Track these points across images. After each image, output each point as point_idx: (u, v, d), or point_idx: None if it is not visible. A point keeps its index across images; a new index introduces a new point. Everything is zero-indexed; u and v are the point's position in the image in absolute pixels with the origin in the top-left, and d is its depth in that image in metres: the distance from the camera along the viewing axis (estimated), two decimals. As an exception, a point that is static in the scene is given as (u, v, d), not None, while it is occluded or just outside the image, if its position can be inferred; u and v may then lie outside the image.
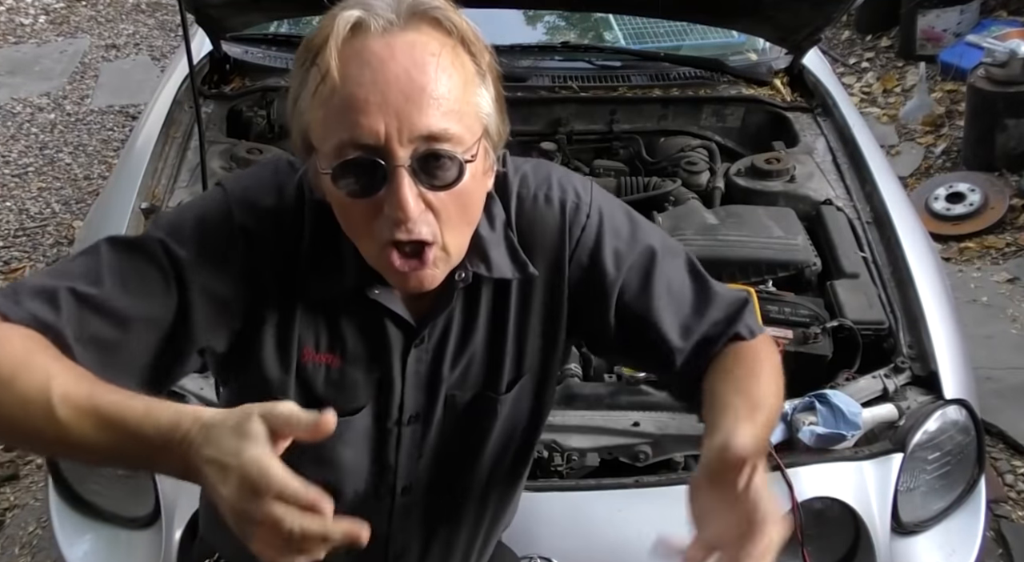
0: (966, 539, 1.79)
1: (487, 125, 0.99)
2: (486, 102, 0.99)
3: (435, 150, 0.93)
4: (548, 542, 1.53)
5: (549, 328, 1.17)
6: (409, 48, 0.93)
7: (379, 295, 1.07)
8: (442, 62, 0.94)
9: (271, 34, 2.91)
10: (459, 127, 0.94)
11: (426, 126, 0.92)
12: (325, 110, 0.93)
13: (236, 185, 1.08)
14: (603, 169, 2.55)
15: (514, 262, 1.11)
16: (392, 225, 0.94)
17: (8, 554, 2.52)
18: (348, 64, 0.92)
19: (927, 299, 1.97)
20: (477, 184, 1.00)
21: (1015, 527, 2.60)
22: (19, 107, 5.13)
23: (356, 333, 1.11)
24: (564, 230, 1.12)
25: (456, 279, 1.08)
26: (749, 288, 1.92)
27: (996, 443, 2.84)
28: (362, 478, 1.18)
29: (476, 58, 0.98)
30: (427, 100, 0.92)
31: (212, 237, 1.03)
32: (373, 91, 0.91)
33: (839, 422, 1.69)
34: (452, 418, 1.17)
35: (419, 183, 0.94)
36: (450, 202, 0.96)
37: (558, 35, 3.23)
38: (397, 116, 0.91)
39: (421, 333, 1.11)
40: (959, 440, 1.79)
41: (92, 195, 4.23)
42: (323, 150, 0.95)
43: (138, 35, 6.10)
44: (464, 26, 0.97)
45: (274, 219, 1.05)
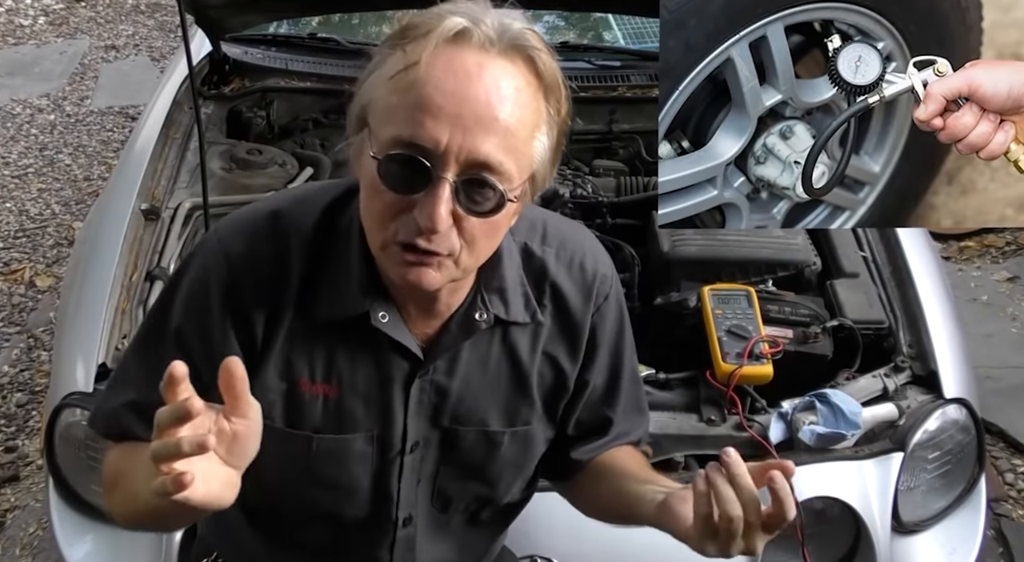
0: (966, 538, 1.79)
1: (536, 171, 1.01)
2: (543, 148, 1.00)
3: (483, 178, 0.94)
4: (548, 542, 1.53)
5: (561, 379, 1.19)
6: (499, 74, 0.94)
7: (385, 324, 1.07)
8: (521, 98, 0.95)
9: (270, 35, 2.91)
10: (513, 165, 0.95)
11: (485, 153, 0.93)
12: (397, 98, 0.94)
13: (213, 238, 1.11)
14: (603, 169, 2.55)
15: (526, 307, 1.14)
16: (416, 230, 0.95)
17: (9, 555, 2.52)
18: (437, 65, 0.93)
19: (927, 298, 1.97)
20: (507, 220, 1.02)
21: (1015, 526, 2.60)
22: (19, 108, 5.13)
23: (355, 363, 1.10)
24: (591, 297, 1.17)
25: (478, 319, 1.10)
26: (749, 288, 1.92)
27: (996, 442, 2.84)
28: (364, 506, 1.17)
29: (551, 106, 1.00)
30: (496, 128, 0.93)
31: (196, 298, 1.08)
32: (451, 101, 0.92)
33: (839, 421, 1.69)
34: (452, 448, 1.17)
35: (456, 202, 0.94)
36: (477, 229, 0.97)
37: (558, 35, 3.23)
38: (463, 133, 0.92)
39: (428, 365, 1.11)
40: (959, 439, 1.79)
41: (92, 196, 4.23)
42: (379, 134, 0.96)
43: (137, 36, 6.11)
44: (554, 74, 1.00)
45: (251, 262, 1.07)
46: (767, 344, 1.79)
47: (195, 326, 1.07)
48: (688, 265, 2.07)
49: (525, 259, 1.14)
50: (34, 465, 2.82)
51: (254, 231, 1.09)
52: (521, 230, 1.15)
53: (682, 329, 1.96)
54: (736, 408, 1.75)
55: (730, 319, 1.83)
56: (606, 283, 1.19)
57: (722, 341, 1.80)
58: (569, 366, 1.19)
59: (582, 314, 1.17)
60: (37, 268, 3.84)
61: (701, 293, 1.91)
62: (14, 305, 3.61)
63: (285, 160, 2.42)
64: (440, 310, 1.10)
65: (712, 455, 1.74)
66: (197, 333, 1.07)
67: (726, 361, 1.77)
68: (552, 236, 1.17)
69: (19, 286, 3.73)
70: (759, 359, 1.77)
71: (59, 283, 3.58)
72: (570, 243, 1.18)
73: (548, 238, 1.17)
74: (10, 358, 3.30)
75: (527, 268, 1.14)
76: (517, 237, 1.14)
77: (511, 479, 1.23)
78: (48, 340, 3.32)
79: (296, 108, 2.67)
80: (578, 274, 1.16)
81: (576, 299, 1.16)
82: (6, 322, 3.53)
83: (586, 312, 1.17)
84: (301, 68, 2.73)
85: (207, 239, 1.13)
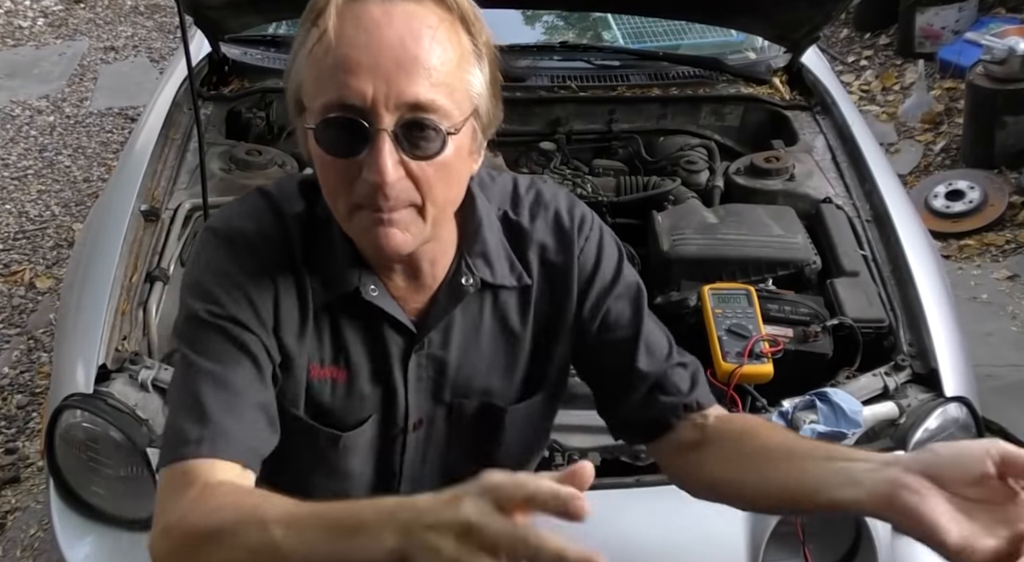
0: (967, 537, 1.79)
1: (477, 105, 1.00)
2: (478, 82, 0.99)
3: (420, 119, 0.94)
4: (549, 542, 1.53)
5: (556, 339, 1.18)
6: (407, 17, 0.94)
7: (375, 296, 1.07)
8: (438, 35, 0.94)
9: (270, 35, 2.91)
10: (448, 101, 0.95)
11: (414, 94, 0.92)
12: (318, 69, 0.95)
13: (219, 222, 1.10)
14: (602, 169, 2.55)
15: (511, 271, 1.13)
16: (370, 190, 0.95)
17: (10, 556, 2.52)
18: (345, 26, 0.93)
19: (927, 297, 1.97)
20: (461, 162, 1.00)
21: (1016, 524, 2.60)
22: (18, 110, 5.13)
23: (359, 343, 1.11)
24: (572, 241, 1.15)
25: (464, 283, 1.09)
26: (749, 287, 1.92)
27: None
28: (367, 485, 1.18)
29: (474, 37, 0.99)
30: (418, 69, 0.92)
31: (227, 275, 1.04)
32: (366, 54, 0.92)
33: (840, 420, 1.69)
34: (458, 426, 1.17)
35: (401, 150, 0.94)
36: (432, 174, 0.96)
37: (557, 35, 3.23)
38: (386, 81, 0.92)
39: (421, 338, 1.11)
40: (960, 438, 1.79)
41: (92, 197, 4.23)
42: (312, 107, 0.96)
43: (137, 37, 6.11)
44: (466, 4, 0.98)
45: (264, 239, 1.06)
46: (767, 343, 1.79)
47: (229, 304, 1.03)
48: (688, 264, 2.07)
49: (505, 225, 1.14)
50: (35, 466, 2.82)
51: (259, 213, 1.08)
52: (495, 196, 1.15)
53: (682, 328, 1.96)
54: (737, 407, 1.75)
55: (730, 318, 1.83)
56: (584, 223, 1.17)
57: (722, 340, 1.80)
58: (566, 315, 1.17)
59: (567, 260, 1.16)
60: (37, 270, 3.84)
61: (701, 292, 1.91)
62: (14, 307, 3.61)
63: (285, 161, 2.42)
64: (426, 282, 1.10)
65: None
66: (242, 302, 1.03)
67: (726, 360, 1.77)
68: (524, 195, 1.17)
69: (19, 288, 3.73)
70: (759, 358, 1.77)
71: (59, 285, 3.58)
72: (543, 197, 1.18)
73: (521, 199, 1.17)
74: (10, 360, 3.30)
75: (508, 232, 1.14)
76: (493, 203, 1.14)
77: (518, 451, 1.23)
78: (48, 342, 3.32)
79: (295, 109, 2.67)
80: (554, 222, 1.16)
81: (559, 250, 1.15)
82: (6, 324, 3.53)
83: (570, 256, 1.16)
84: (300, 69, 2.72)
85: (215, 229, 1.09)
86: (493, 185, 1.15)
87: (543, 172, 2.49)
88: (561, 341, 1.19)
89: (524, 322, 1.16)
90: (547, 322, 1.17)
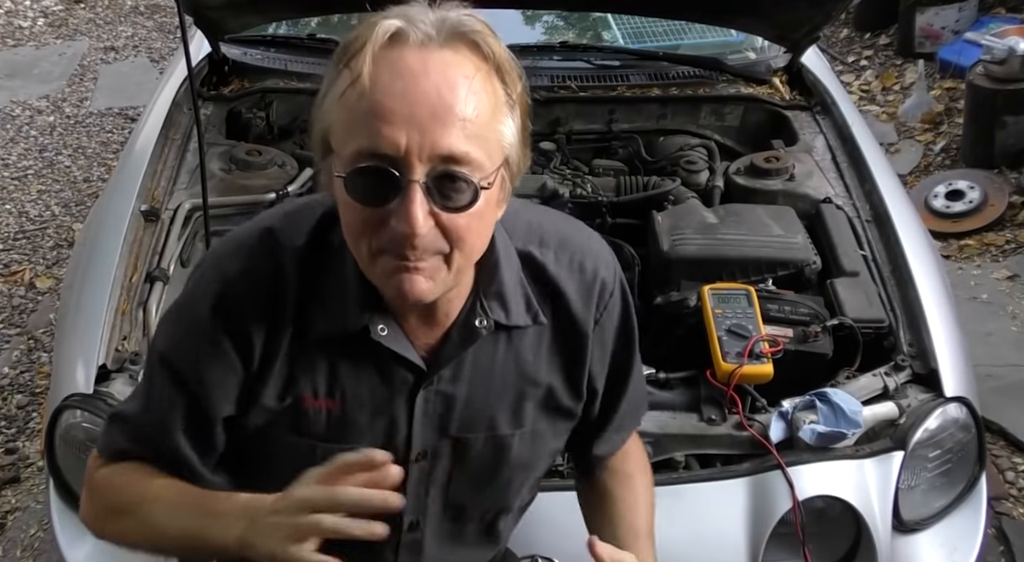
0: (967, 537, 1.79)
1: (508, 155, 0.98)
2: (510, 132, 0.98)
3: (452, 172, 0.92)
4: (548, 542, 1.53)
5: (570, 382, 1.19)
6: (444, 66, 0.92)
7: (385, 337, 1.06)
8: (474, 85, 0.93)
9: (269, 36, 2.91)
10: (480, 152, 0.94)
11: (448, 146, 0.91)
12: (350, 114, 0.93)
13: (207, 261, 1.13)
14: (602, 169, 2.55)
15: (528, 311, 1.12)
16: (398, 240, 0.94)
17: (10, 557, 2.52)
18: (380, 72, 0.91)
19: (927, 297, 1.97)
20: (489, 211, 1.00)
21: (1016, 524, 2.60)
22: (18, 110, 5.13)
23: (358, 377, 1.09)
24: (591, 302, 1.16)
25: (478, 325, 1.09)
26: (749, 287, 1.92)
27: (997, 440, 2.84)
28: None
29: (508, 87, 0.97)
30: (453, 120, 0.91)
31: (194, 329, 1.08)
32: (401, 103, 0.90)
33: (840, 420, 1.69)
34: (463, 457, 1.16)
35: (432, 202, 0.93)
36: (461, 225, 0.95)
37: (556, 35, 3.23)
38: (421, 131, 0.90)
39: (431, 376, 1.10)
40: (960, 438, 1.79)
41: (92, 197, 4.23)
42: (342, 153, 0.95)
43: (137, 37, 6.11)
44: (501, 54, 0.97)
45: (248, 281, 1.06)
46: (767, 343, 1.79)
47: (188, 352, 1.08)
48: (688, 264, 2.07)
49: (525, 263, 1.13)
50: (35, 467, 2.82)
51: (248, 249, 1.08)
52: (519, 233, 1.13)
53: (682, 328, 1.96)
54: (736, 407, 1.75)
55: (730, 318, 1.83)
56: (607, 289, 1.17)
57: (722, 340, 1.79)
58: (579, 367, 1.18)
59: (584, 318, 1.16)
60: (37, 270, 3.84)
61: (701, 292, 1.91)
62: (14, 307, 3.61)
63: (285, 161, 2.42)
64: (439, 319, 1.09)
65: (712, 454, 1.75)
66: (189, 358, 1.08)
67: (726, 360, 1.77)
68: (551, 237, 1.15)
69: (19, 288, 3.73)
70: (759, 358, 1.77)
71: (59, 285, 3.58)
72: (570, 243, 1.16)
73: (547, 240, 1.15)
74: (10, 360, 3.30)
75: (529, 271, 1.13)
76: (515, 240, 1.12)
77: (521, 481, 1.23)
78: (48, 342, 3.32)
79: (295, 109, 2.67)
80: (578, 276, 1.15)
81: (578, 302, 1.15)
82: (6, 324, 3.53)
83: (588, 317, 1.16)
84: (300, 69, 2.73)
85: (202, 264, 1.13)
86: (516, 219, 1.12)
87: (543, 172, 2.49)
88: (575, 384, 1.20)
89: (537, 360, 1.15)
90: (562, 364, 1.17)
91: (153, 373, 1.13)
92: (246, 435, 1.11)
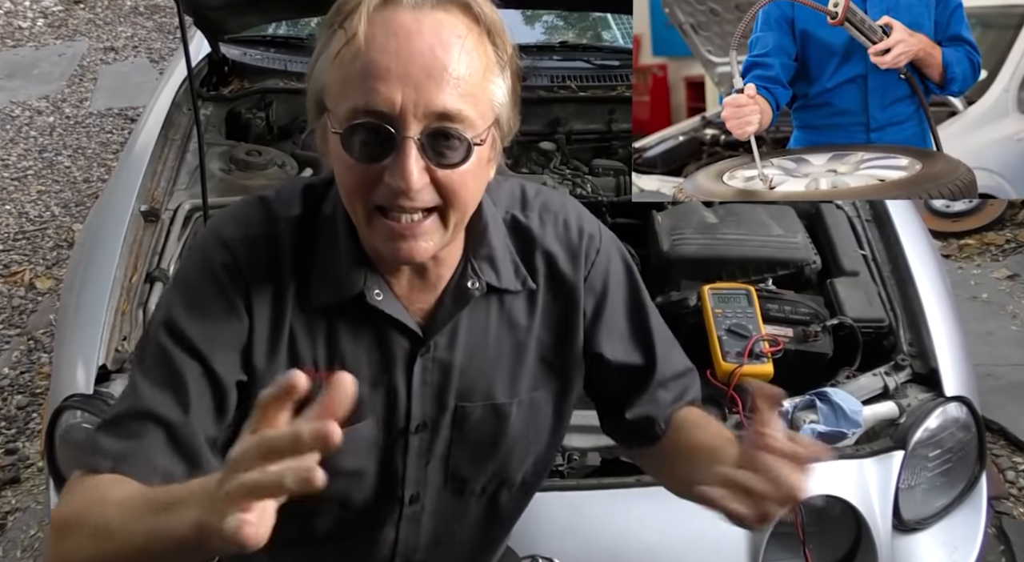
0: (968, 536, 1.79)
1: (499, 115, 1.01)
2: (501, 92, 1.00)
3: (446, 128, 0.94)
4: (548, 542, 1.53)
5: (564, 344, 1.18)
6: (437, 26, 0.94)
7: (380, 301, 1.07)
8: (466, 45, 0.95)
9: (269, 36, 2.92)
10: (473, 110, 0.96)
11: (442, 104, 0.93)
12: (345, 72, 0.95)
13: (207, 230, 1.11)
14: (602, 168, 2.55)
15: (516, 275, 1.14)
16: (392, 194, 0.95)
17: (10, 557, 2.52)
18: (375, 31, 0.93)
19: (927, 296, 1.97)
20: (481, 169, 1.01)
21: (1016, 523, 2.60)
22: (18, 110, 5.13)
23: (356, 346, 1.10)
24: (580, 256, 1.16)
25: (470, 287, 1.10)
26: (749, 287, 1.92)
27: (997, 440, 2.84)
28: (370, 486, 1.17)
29: (499, 48, 1.00)
30: (447, 78, 0.93)
31: (198, 292, 1.06)
32: (396, 61, 0.92)
33: (840, 420, 1.69)
34: (462, 427, 1.17)
35: (426, 158, 0.95)
36: (455, 181, 0.97)
37: (556, 35, 3.23)
38: (415, 89, 0.92)
39: (427, 342, 1.11)
40: (960, 437, 1.79)
41: (91, 198, 4.24)
42: (337, 112, 0.96)
43: (136, 38, 6.11)
44: (492, 16, 0.99)
45: (248, 246, 1.06)
46: (767, 343, 1.79)
47: (195, 315, 1.05)
48: (688, 264, 2.07)
49: (511, 228, 1.15)
50: (35, 467, 2.82)
51: (246, 217, 1.09)
52: (503, 199, 1.16)
53: (682, 328, 1.95)
54: (737, 407, 1.75)
55: (730, 318, 1.83)
56: (593, 242, 1.18)
57: (722, 340, 1.80)
58: (571, 328, 1.18)
59: (573, 276, 1.17)
60: (37, 270, 3.84)
61: (701, 292, 1.91)
62: (14, 307, 3.62)
63: (284, 161, 2.42)
64: (432, 282, 1.10)
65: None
66: (196, 323, 1.05)
67: (726, 360, 1.77)
68: (533, 200, 1.18)
69: (19, 288, 3.73)
70: (759, 358, 1.77)
71: (59, 285, 3.58)
72: (552, 205, 1.18)
73: (530, 203, 1.17)
74: (10, 360, 3.30)
75: (514, 236, 1.15)
76: (499, 207, 1.15)
77: (522, 454, 1.22)
78: (48, 342, 3.32)
79: (295, 109, 2.67)
80: (563, 233, 1.17)
81: (565, 260, 1.16)
82: (6, 324, 3.53)
83: (577, 274, 1.17)
84: (300, 69, 2.73)
85: (200, 235, 1.13)
86: (500, 188, 1.15)
87: (543, 172, 2.49)
88: (569, 346, 1.19)
89: (531, 325, 1.16)
90: (555, 326, 1.18)
91: (155, 351, 1.06)
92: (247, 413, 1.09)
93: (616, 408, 1.23)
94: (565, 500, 1.53)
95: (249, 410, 1.04)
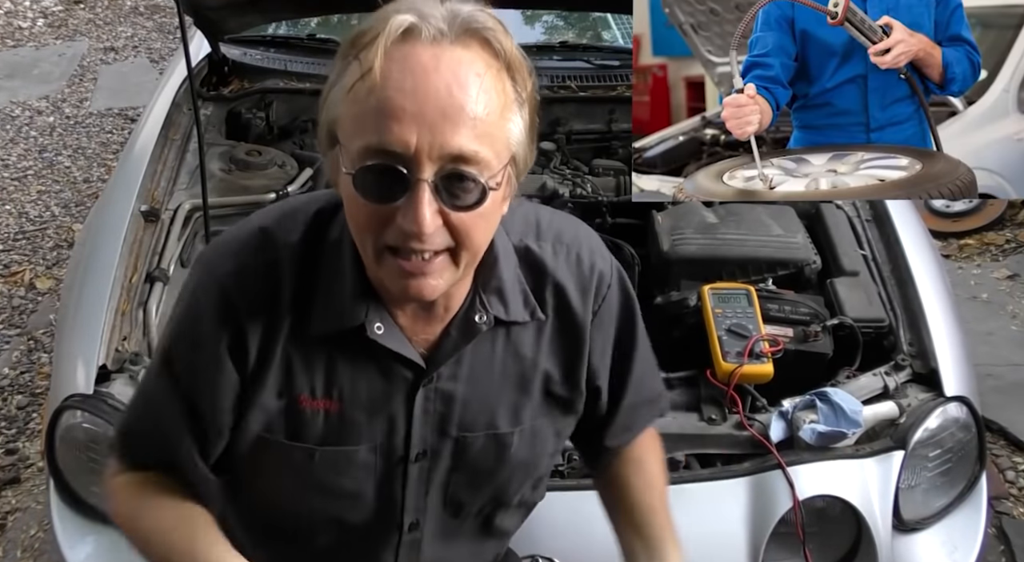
0: (968, 536, 1.79)
1: (515, 153, 0.98)
2: (518, 129, 0.97)
3: (461, 171, 0.92)
4: (548, 542, 1.53)
5: (568, 377, 1.18)
6: (455, 64, 0.91)
7: (381, 335, 1.05)
8: (485, 83, 0.92)
9: (269, 36, 2.92)
10: (489, 151, 0.93)
11: (458, 145, 0.91)
12: (359, 108, 0.92)
13: (201, 263, 1.12)
14: (602, 168, 2.55)
15: (525, 306, 1.12)
16: (404, 236, 0.93)
17: (10, 557, 2.52)
18: (392, 67, 0.90)
19: (927, 296, 1.97)
20: (495, 209, 0.99)
21: (1016, 523, 2.60)
22: (18, 110, 5.13)
23: (355, 374, 1.09)
24: (589, 294, 1.16)
25: (478, 321, 1.08)
26: (749, 287, 1.92)
27: (997, 440, 2.84)
28: (368, 509, 1.16)
29: (518, 85, 0.97)
30: (463, 119, 0.90)
31: (194, 328, 1.08)
32: (412, 100, 0.89)
33: (840, 420, 1.69)
34: (463, 456, 1.16)
35: (439, 200, 0.93)
36: (468, 223, 0.95)
37: (556, 35, 3.23)
38: (431, 130, 0.90)
39: (431, 373, 1.10)
40: (960, 437, 1.79)
41: (91, 198, 4.24)
42: (349, 148, 0.94)
43: (136, 38, 6.11)
44: (512, 51, 0.96)
45: (240, 279, 1.05)
46: (767, 343, 1.79)
47: (186, 357, 1.08)
48: (688, 264, 2.07)
49: (522, 257, 1.13)
50: (35, 467, 2.82)
51: (242, 248, 1.07)
52: (516, 228, 1.13)
53: (682, 328, 1.96)
54: (737, 407, 1.75)
55: (730, 318, 1.83)
56: (604, 281, 1.17)
57: (722, 340, 1.80)
58: (577, 361, 1.18)
59: (582, 311, 1.16)
60: (37, 270, 3.84)
61: (701, 292, 1.91)
62: (14, 307, 3.61)
63: (284, 161, 2.42)
64: (438, 314, 1.08)
65: (712, 454, 1.75)
66: (186, 364, 1.08)
67: (726, 360, 1.77)
68: (547, 231, 1.15)
69: (19, 288, 3.73)
70: (759, 358, 1.77)
71: (59, 285, 3.58)
72: (566, 237, 1.16)
73: (543, 233, 1.15)
74: (10, 360, 3.30)
75: (524, 266, 1.13)
76: (512, 235, 1.12)
77: (522, 479, 1.22)
78: (48, 342, 3.32)
79: (295, 109, 2.67)
80: (575, 267, 1.15)
81: (575, 294, 1.15)
82: (6, 324, 3.53)
83: (586, 310, 1.16)
84: (300, 69, 2.73)
85: (195, 266, 1.12)
86: (513, 215, 1.11)
87: (543, 172, 2.49)
88: (574, 379, 1.19)
89: (537, 356, 1.15)
90: (560, 358, 1.17)
91: (155, 376, 1.14)
92: (245, 441, 1.10)
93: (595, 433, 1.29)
94: (565, 500, 1.52)
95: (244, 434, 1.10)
